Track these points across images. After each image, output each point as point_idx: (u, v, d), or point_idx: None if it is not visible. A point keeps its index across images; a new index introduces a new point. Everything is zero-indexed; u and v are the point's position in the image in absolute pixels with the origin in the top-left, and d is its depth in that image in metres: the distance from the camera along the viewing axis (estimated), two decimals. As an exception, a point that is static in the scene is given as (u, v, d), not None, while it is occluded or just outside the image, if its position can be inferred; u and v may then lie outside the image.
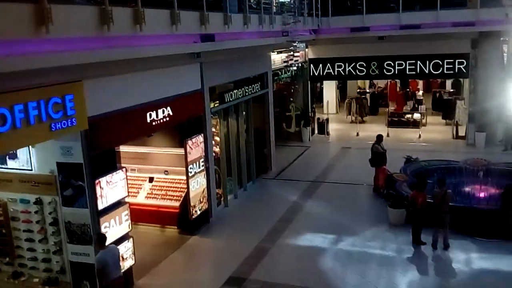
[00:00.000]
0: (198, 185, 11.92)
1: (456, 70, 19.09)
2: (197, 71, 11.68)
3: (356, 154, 18.72)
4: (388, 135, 20.69)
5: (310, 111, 21.71)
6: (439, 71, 19.33)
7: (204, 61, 11.72)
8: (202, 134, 11.97)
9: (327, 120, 22.72)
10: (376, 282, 9.35)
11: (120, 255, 8.67)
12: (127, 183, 9.28)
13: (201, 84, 11.82)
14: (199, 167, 11.91)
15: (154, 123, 9.88)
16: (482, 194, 12.61)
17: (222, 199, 13.78)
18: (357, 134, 21.78)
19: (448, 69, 19.14)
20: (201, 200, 12.10)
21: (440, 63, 19.16)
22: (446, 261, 10.15)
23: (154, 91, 9.90)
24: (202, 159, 12.02)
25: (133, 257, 9.51)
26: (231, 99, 13.58)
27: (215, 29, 10.96)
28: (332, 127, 23.06)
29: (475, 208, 11.52)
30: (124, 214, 9.15)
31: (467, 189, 12.89)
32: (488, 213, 11.11)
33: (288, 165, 17.92)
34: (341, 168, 17.34)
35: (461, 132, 20.28)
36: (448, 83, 26.69)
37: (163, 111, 10.13)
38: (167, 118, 10.27)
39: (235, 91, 13.77)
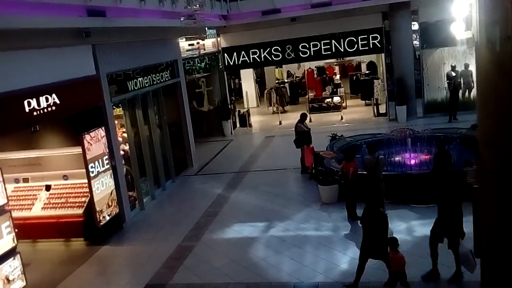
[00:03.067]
0: (104, 186, 10.29)
1: (371, 46, 18.80)
2: (89, 54, 10.09)
3: (281, 141, 17.88)
4: (311, 121, 20.10)
5: (229, 103, 20.61)
6: (355, 48, 18.95)
7: (98, 43, 10.17)
8: (103, 127, 10.37)
9: (248, 112, 21.81)
10: (314, 265, 8.31)
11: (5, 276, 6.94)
12: (4, 188, 7.54)
13: (95, 69, 10.24)
14: (103, 166, 10.29)
15: (35, 113, 8.19)
16: (412, 161, 12.09)
17: (137, 201, 12.20)
18: (280, 123, 21.00)
19: (363, 45, 18.80)
20: (110, 204, 10.48)
21: (355, 40, 18.78)
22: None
23: (33, 74, 8.24)
24: (106, 157, 10.42)
25: (24, 278, 7.76)
26: (135, 88, 12.07)
27: (105, 2, 9.45)
28: (254, 119, 22.21)
29: (408, 174, 10.92)
30: (4, 226, 7.41)
31: (397, 158, 12.35)
32: (421, 177, 10.52)
33: (211, 160, 16.66)
34: (266, 156, 16.37)
35: (382, 110, 20.15)
36: (364, 66, 26.78)
37: (47, 99, 8.47)
38: (54, 108, 8.62)
39: (140, 79, 12.27)
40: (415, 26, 18.16)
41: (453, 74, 17.76)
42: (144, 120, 12.63)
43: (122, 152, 11.73)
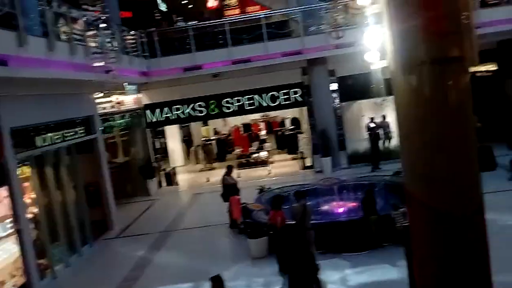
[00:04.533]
0: (7, 254, 9.12)
1: (293, 100, 19.18)
2: (-11, 107, 9.22)
3: (208, 198, 17.25)
4: (239, 176, 19.80)
5: (153, 162, 19.86)
6: (277, 103, 19.23)
7: (2, 94, 9.34)
8: (7, 187, 9.33)
9: (174, 170, 21.17)
10: (245, 325, 7.65)
11: None
12: None
13: (-3, 122, 9.33)
14: (5, 231, 9.16)
15: None
16: (341, 209, 12.01)
17: (48, 270, 10.94)
18: (208, 180, 20.47)
19: (285, 99, 19.14)
20: (14, 273, 9.26)
21: (276, 94, 19.10)
22: (320, 283, 8.91)
23: None
24: (10, 220, 9.31)
25: None
26: (45, 144, 11.15)
27: (7, 50, 8.75)
28: (181, 177, 21.55)
29: (337, 222, 10.74)
30: None
31: (325, 207, 12.23)
32: (350, 224, 10.37)
33: (134, 221, 15.63)
34: (193, 214, 15.71)
35: (308, 163, 20.32)
36: (288, 121, 27.30)
37: None
38: None
39: (50, 134, 11.39)
40: (333, 81, 18.86)
41: (372, 125, 18.42)
42: (56, 179, 11.64)
43: (30, 215, 10.60)
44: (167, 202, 18.00)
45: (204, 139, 26.63)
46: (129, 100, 18.10)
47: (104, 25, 13.94)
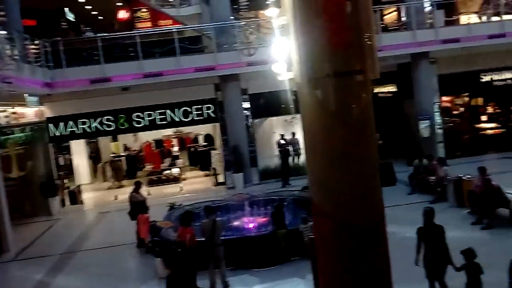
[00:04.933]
0: None
1: (205, 116, 19.06)
2: None
3: (116, 216, 16.48)
4: (149, 194, 19.21)
5: (56, 178, 18.63)
6: (190, 118, 19.00)
7: None
8: None
9: (80, 188, 20.01)
10: None
11: None
12: None
13: None
14: None
15: None
16: (251, 225, 11.98)
17: None
18: (116, 198, 19.58)
19: (197, 115, 18.96)
20: None
21: (189, 109, 18.86)
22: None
23: None
24: None
25: None
26: None
27: None
28: (87, 195, 20.41)
29: (246, 237, 10.69)
30: None
31: (236, 223, 12.14)
32: (260, 239, 10.36)
33: (32, 242, 14.44)
34: (98, 234, 14.86)
35: (221, 179, 20.22)
36: (201, 138, 27.10)
37: None
38: None
39: None
40: (246, 97, 19.05)
41: (282, 142, 18.82)
42: None
43: None
44: (70, 222, 16.90)
45: (113, 155, 25.56)
46: (30, 112, 16.89)
47: (3, 32, 12.99)
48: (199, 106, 18.92)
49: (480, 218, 10.95)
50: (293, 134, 19.09)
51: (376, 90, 20.76)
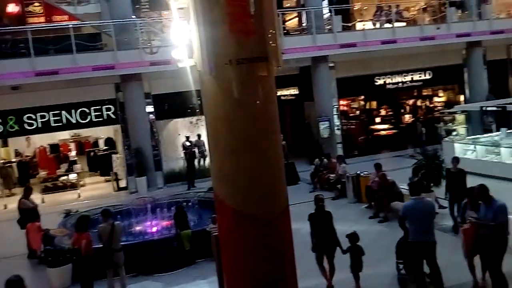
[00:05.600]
0: None
1: (105, 117, 18.14)
2: None
3: (5, 226, 15.02)
4: (43, 201, 17.86)
5: None
6: (88, 120, 17.97)
7: None
8: None
9: (-40, 198, 18.06)
10: None
11: None
12: None
13: None
14: None
15: None
16: (154, 229, 11.53)
17: None
18: (5, 207, 17.95)
19: (96, 116, 17.99)
20: None
21: (87, 111, 17.83)
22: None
23: None
24: None
25: None
26: None
27: None
28: (-32, 206, 18.44)
29: (148, 241, 10.23)
30: None
31: (138, 227, 11.61)
32: (162, 242, 9.99)
33: None
34: (-17, 246, 13.40)
35: (123, 184, 19.37)
36: (101, 141, 25.79)
37: None
38: None
39: None
40: (149, 98, 18.44)
41: (188, 144, 18.48)
42: None
43: None
44: (-52, 235, 15.11)
45: (2, 161, 23.43)
46: None
47: None
48: (98, 107, 17.97)
49: (377, 212, 11.52)
50: (199, 136, 18.81)
51: (279, 93, 21.20)
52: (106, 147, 24.11)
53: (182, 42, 4.19)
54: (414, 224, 7.26)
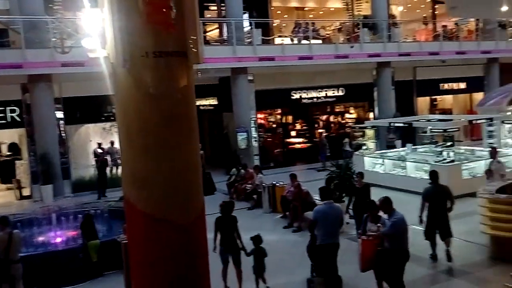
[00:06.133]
0: None
1: (9, 119, 16.82)
2: None
3: None
4: None
5: None
6: (-12, 122, 16.56)
7: None
8: None
9: None
10: None
11: None
12: None
13: None
14: None
15: None
16: (59, 239, 10.76)
17: None
18: None
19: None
20: None
21: (-12, 112, 16.46)
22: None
23: None
24: None
25: None
26: None
27: None
28: None
29: (52, 252, 9.52)
30: None
31: (41, 238, 10.78)
32: (68, 253, 9.33)
33: None
34: None
35: (27, 192, 18.00)
36: (4, 147, 23.88)
37: None
38: None
39: None
40: (59, 101, 17.39)
41: (100, 151, 17.65)
42: None
43: None
44: None
45: None
46: None
47: None
48: (2, 109, 16.65)
49: (291, 222, 11.65)
50: (112, 143, 18.04)
51: (198, 102, 21.01)
52: (10, 153, 22.39)
53: (95, 31, 3.92)
54: (324, 227, 7.48)
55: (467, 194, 11.92)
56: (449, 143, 14.49)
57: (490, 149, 12.55)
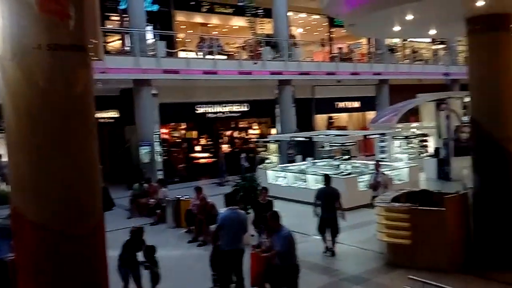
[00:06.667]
0: None
1: None
2: None
3: None
4: None
5: None
6: None
7: None
8: None
9: None
10: None
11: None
12: None
13: None
14: None
15: None
16: None
17: None
18: None
19: None
20: None
21: None
22: None
23: None
24: None
25: None
26: None
27: None
28: None
29: None
30: None
31: None
32: None
33: None
34: None
35: None
36: None
37: None
38: None
39: None
40: None
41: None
42: None
43: None
44: None
45: None
46: None
47: None
48: None
49: (196, 236, 11.40)
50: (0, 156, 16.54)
51: (98, 115, 20.06)
52: None
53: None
54: (228, 233, 7.46)
55: (363, 205, 12.58)
56: (346, 157, 15.25)
57: (375, 162, 13.33)
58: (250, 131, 24.91)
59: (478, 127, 8.64)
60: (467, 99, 17.68)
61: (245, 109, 22.70)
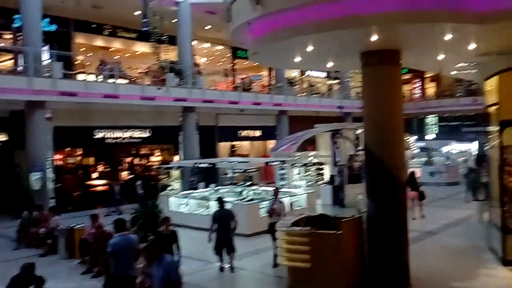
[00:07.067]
0: None
1: None
2: None
3: None
4: None
5: None
6: None
7: None
8: None
9: None
10: None
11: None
12: None
13: None
14: None
15: None
16: None
17: None
18: None
19: None
20: None
21: None
22: None
23: None
24: None
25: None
26: None
27: None
28: None
29: None
30: None
31: None
32: None
33: None
34: None
35: None
36: None
37: None
38: None
39: None
40: None
41: None
42: None
43: None
44: None
45: None
46: None
47: None
48: None
49: (91, 267, 10.73)
50: None
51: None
52: None
53: None
54: (119, 259, 7.24)
55: (264, 231, 12.71)
56: (248, 183, 15.44)
57: (274, 189, 13.55)
58: (152, 158, 24.35)
59: (371, 156, 9.21)
60: (359, 131, 18.99)
61: (147, 134, 22.23)
